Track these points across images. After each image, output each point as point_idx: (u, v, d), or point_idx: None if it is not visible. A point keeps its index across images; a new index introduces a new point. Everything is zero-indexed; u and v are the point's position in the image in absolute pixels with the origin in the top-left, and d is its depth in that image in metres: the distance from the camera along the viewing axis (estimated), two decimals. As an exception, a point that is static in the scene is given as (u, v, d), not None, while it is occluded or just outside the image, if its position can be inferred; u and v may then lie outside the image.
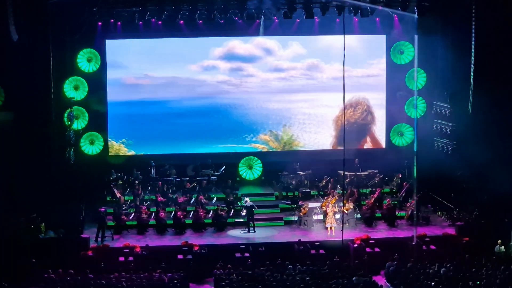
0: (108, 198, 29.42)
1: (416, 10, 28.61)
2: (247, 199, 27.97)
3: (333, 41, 31.54)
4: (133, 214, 27.95)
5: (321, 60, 32.10)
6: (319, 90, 32.26)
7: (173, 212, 27.81)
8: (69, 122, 28.99)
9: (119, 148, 31.55)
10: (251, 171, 31.76)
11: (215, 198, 29.36)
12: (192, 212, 27.96)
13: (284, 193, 30.12)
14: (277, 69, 32.14)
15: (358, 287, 21.42)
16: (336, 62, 31.82)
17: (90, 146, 30.98)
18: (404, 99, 32.12)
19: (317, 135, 32.51)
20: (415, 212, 26.93)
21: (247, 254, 24.92)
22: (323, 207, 27.51)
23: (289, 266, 22.94)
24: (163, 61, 31.56)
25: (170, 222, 27.56)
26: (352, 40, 31.28)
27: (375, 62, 32.19)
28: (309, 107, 32.45)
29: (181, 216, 27.44)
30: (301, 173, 30.84)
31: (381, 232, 27.14)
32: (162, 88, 31.68)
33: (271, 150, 32.39)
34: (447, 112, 29.90)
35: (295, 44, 32.00)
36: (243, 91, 32.11)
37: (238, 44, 31.89)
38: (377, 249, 25.32)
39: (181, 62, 31.72)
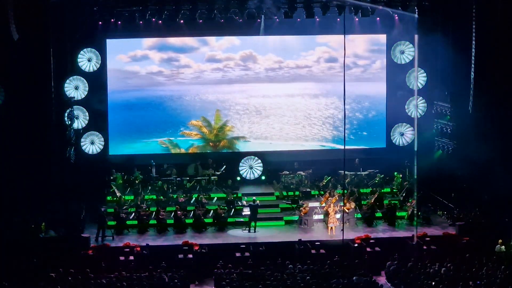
0: (108, 198, 29.42)
1: (416, 10, 28.64)
2: (254, 197, 27.95)
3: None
4: (133, 214, 27.95)
5: (256, 52, 32.09)
6: (255, 80, 32.23)
7: (174, 212, 27.80)
8: (69, 122, 28.99)
9: None
10: (251, 170, 31.77)
11: (215, 198, 29.37)
12: (192, 212, 27.97)
13: (284, 193, 30.10)
14: (212, 59, 31.97)
15: (358, 287, 21.42)
16: (270, 53, 32.01)
17: (91, 146, 31.02)
18: (404, 99, 32.14)
19: (255, 125, 32.48)
20: (415, 212, 26.95)
21: (247, 254, 24.89)
22: (322, 204, 27.54)
23: (290, 266, 22.94)
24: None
25: (170, 221, 27.56)
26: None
27: (308, 53, 32.21)
28: (246, 97, 32.43)
29: (182, 216, 27.44)
30: (301, 172, 30.83)
31: (381, 232, 27.13)
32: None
33: (204, 137, 32.21)
34: (448, 111, 29.89)
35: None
36: (178, 82, 31.90)
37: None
38: (377, 249, 25.30)
39: (109, 52, 31.24)
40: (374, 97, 32.60)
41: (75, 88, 30.46)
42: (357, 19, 30.39)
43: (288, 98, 32.59)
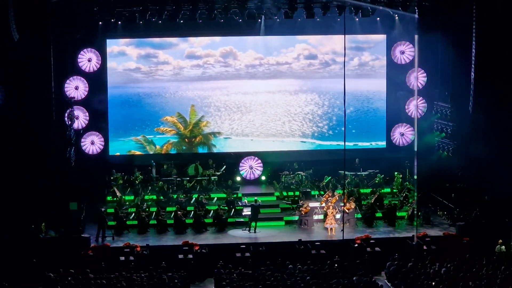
0: (108, 198, 29.42)
1: (416, 10, 28.61)
2: (256, 198, 27.95)
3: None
4: (133, 214, 27.94)
5: (236, 48, 32.01)
6: (235, 77, 32.13)
7: (174, 212, 27.79)
8: (69, 122, 28.99)
9: None
10: (251, 171, 31.77)
11: (215, 198, 29.37)
12: (192, 212, 27.97)
13: (284, 193, 30.10)
14: (191, 56, 31.80)
15: (358, 287, 21.42)
16: (251, 50, 32.00)
17: (91, 146, 31.03)
18: (404, 99, 32.14)
19: (236, 121, 32.40)
20: (415, 212, 26.93)
21: (247, 254, 24.90)
22: (322, 204, 27.53)
23: (290, 266, 22.95)
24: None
25: (170, 221, 27.56)
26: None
27: (288, 50, 32.21)
28: (226, 94, 32.33)
29: (182, 216, 27.42)
30: (301, 173, 30.83)
31: (381, 232, 27.13)
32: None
33: (179, 133, 32.06)
34: (448, 112, 29.88)
35: None
36: (156, 79, 31.75)
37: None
38: (377, 249, 25.30)
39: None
40: (352, 93, 32.35)
41: (75, 88, 30.47)
42: (357, 19, 30.39)
43: (268, 94, 32.58)
